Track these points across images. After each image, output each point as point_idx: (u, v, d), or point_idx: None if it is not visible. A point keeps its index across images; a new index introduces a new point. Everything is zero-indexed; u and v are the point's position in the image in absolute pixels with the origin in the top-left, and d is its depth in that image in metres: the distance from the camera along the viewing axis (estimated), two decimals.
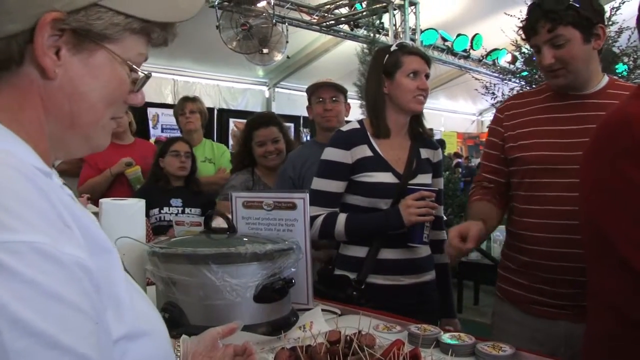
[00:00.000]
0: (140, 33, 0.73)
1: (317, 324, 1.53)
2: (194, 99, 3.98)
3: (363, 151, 2.06)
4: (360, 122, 2.16)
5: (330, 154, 2.10)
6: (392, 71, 2.07)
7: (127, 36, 0.71)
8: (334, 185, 2.07)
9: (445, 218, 2.52)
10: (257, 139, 2.99)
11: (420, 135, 2.18)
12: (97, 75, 0.71)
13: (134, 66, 0.74)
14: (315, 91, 2.88)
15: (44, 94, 0.69)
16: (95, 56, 0.70)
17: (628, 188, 1.14)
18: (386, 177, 2.04)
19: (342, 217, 2.04)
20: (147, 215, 2.69)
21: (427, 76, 2.09)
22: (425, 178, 2.12)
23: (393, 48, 2.15)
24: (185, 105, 3.89)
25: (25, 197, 0.58)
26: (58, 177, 0.71)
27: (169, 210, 3.22)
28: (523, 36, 1.83)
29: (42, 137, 0.70)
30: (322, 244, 2.42)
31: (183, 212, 3.23)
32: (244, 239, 1.60)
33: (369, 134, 2.10)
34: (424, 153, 2.17)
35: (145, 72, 0.77)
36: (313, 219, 2.01)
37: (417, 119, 2.17)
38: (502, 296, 1.94)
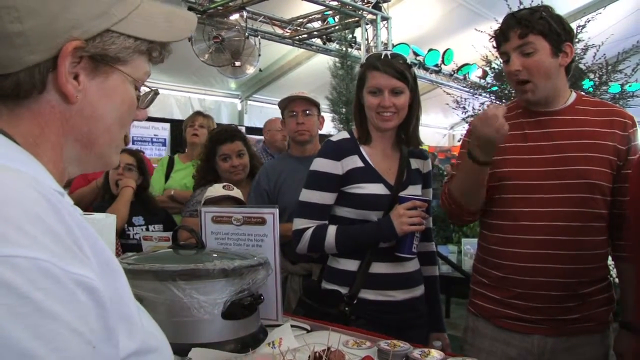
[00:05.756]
0: (145, 53, 0.78)
1: (287, 340, 1.51)
2: (207, 116, 4.11)
3: (354, 162, 1.99)
4: (350, 131, 2.10)
5: (320, 164, 2.01)
6: (360, 86, 2.04)
7: (136, 57, 0.76)
8: (324, 197, 1.99)
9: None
10: (222, 153, 2.97)
11: (407, 143, 2.09)
12: (112, 97, 0.75)
13: (143, 84, 0.80)
14: (287, 105, 2.85)
15: (64, 118, 0.72)
16: (110, 79, 0.74)
17: None
18: (377, 189, 1.97)
19: (332, 229, 1.96)
20: None
21: (395, 91, 1.95)
22: (415, 189, 2.06)
23: (362, 62, 2.10)
24: (196, 119, 4.00)
25: (36, 213, 0.58)
26: (69, 198, 0.72)
27: (134, 230, 3.18)
28: (494, 44, 1.86)
29: (59, 159, 0.73)
30: (299, 258, 2.37)
31: (147, 229, 3.20)
32: (213, 254, 1.58)
33: (359, 143, 2.04)
34: (414, 163, 2.11)
35: (153, 89, 0.82)
36: (302, 231, 1.97)
37: (405, 127, 2.06)
38: (476, 312, 1.92)
